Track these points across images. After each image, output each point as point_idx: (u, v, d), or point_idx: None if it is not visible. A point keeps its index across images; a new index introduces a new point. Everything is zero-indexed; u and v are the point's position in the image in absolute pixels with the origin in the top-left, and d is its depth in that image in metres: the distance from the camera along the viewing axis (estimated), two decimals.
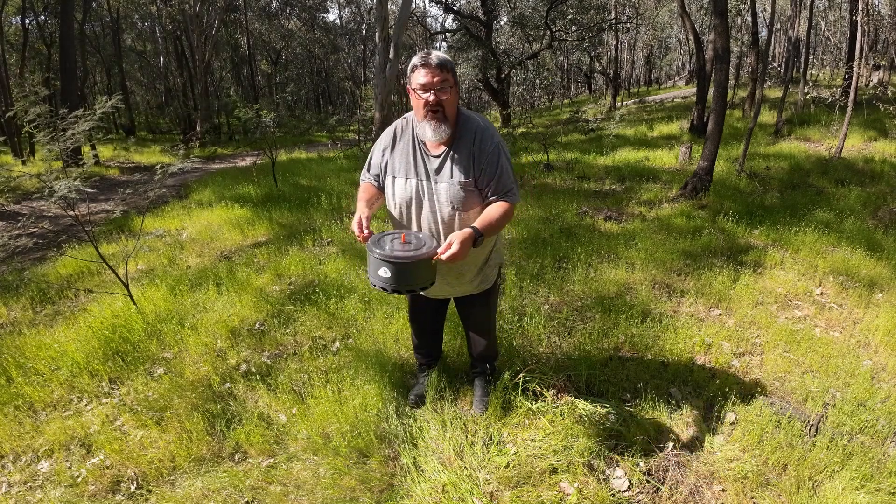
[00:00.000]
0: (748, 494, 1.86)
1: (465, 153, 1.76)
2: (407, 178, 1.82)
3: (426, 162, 1.80)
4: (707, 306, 3.34)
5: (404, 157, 1.83)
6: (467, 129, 1.77)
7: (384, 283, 1.60)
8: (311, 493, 1.92)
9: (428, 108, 1.68)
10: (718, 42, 6.15)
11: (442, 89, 1.67)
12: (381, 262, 1.57)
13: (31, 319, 3.44)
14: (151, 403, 2.40)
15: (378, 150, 1.90)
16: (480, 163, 1.75)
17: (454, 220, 1.80)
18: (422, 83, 1.67)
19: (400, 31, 8.49)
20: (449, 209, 1.79)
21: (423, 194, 1.81)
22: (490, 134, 1.78)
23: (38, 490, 2.01)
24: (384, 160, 1.87)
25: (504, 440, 2.13)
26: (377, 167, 1.90)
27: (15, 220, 3.42)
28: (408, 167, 1.82)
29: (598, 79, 33.22)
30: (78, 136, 3.16)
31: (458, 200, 1.77)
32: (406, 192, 1.83)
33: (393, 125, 1.89)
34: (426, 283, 1.66)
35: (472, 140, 1.76)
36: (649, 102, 22.82)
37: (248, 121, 7.96)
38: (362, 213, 1.75)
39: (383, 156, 1.87)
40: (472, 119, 1.80)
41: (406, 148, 1.83)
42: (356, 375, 2.49)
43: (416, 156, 1.81)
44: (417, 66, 1.68)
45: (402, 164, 1.83)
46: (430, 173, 1.79)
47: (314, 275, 3.87)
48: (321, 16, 29.35)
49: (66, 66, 11.00)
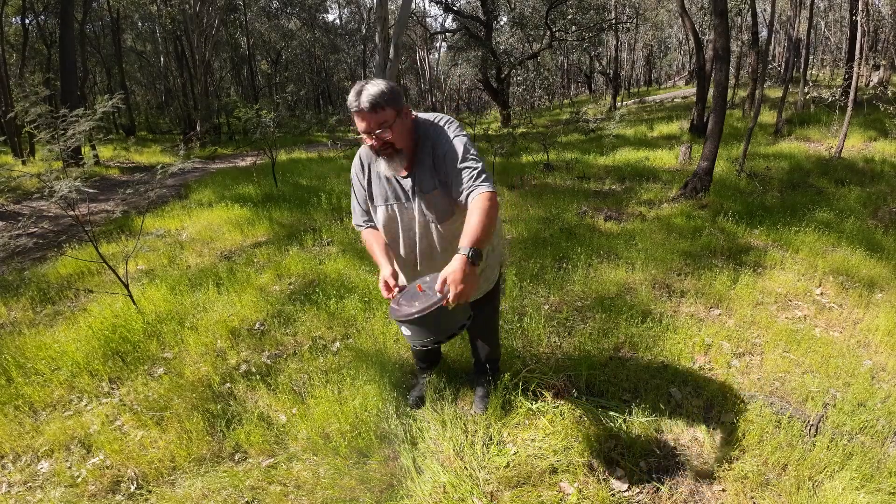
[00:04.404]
0: (748, 494, 1.86)
1: (427, 165, 1.71)
2: (386, 202, 1.79)
3: (400, 184, 1.77)
4: (707, 306, 3.34)
5: (379, 184, 1.80)
6: (425, 143, 1.71)
7: (420, 340, 1.51)
8: (311, 493, 1.92)
9: (375, 150, 1.65)
10: (718, 42, 6.14)
11: (382, 131, 1.59)
12: (403, 324, 1.50)
13: (31, 319, 3.44)
14: (151, 403, 2.40)
15: (356, 187, 1.86)
16: (443, 166, 1.68)
17: (431, 233, 1.78)
18: (360, 129, 1.61)
19: (400, 31, 8.48)
20: (423, 221, 1.77)
21: (402, 214, 1.79)
22: (442, 133, 1.70)
23: (38, 490, 2.01)
24: (364, 194, 1.84)
25: (504, 440, 2.13)
26: (365, 205, 1.87)
27: (15, 220, 3.42)
28: (384, 193, 1.79)
29: (598, 79, 33.23)
30: (78, 135, 3.16)
31: (433, 213, 1.74)
32: (388, 217, 1.81)
33: (357, 155, 1.84)
34: (464, 320, 1.54)
35: (431, 151, 1.70)
36: (649, 102, 22.83)
37: (248, 121, 7.95)
38: (385, 270, 1.69)
39: (364, 189, 1.84)
40: (426, 128, 1.72)
41: (378, 175, 1.79)
42: (356, 375, 2.49)
43: (389, 181, 1.78)
44: (351, 111, 1.60)
45: (379, 191, 1.80)
46: (406, 194, 1.76)
47: (314, 274, 3.87)
48: (321, 16, 29.35)
49: (66, 66, 11.01)
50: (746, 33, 15.97)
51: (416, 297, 1.53)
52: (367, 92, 1.56)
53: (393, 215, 1.80)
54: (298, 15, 26.68)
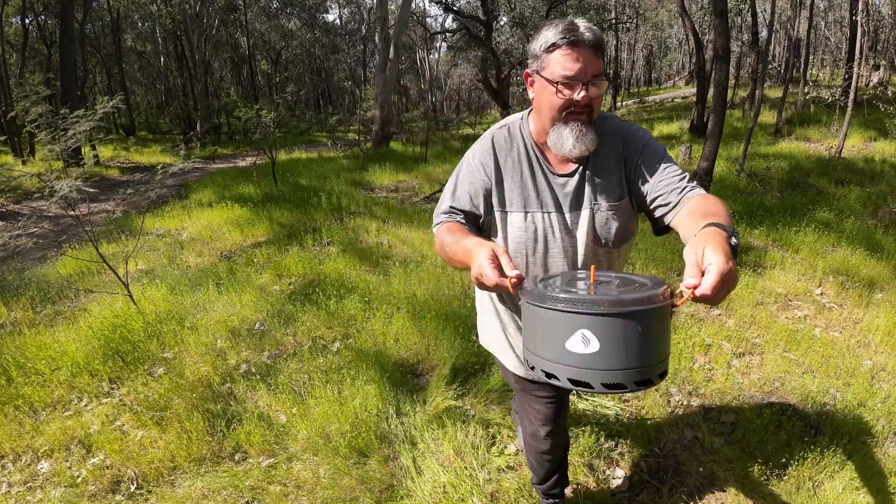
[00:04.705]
0: (748, 494, 1.86)
1: (611, 165, 1.21)
2: (526, 210, 1.22)
3: (552, 185, 1.22)
4: (707, 306, 3.34)
5: (517, 181, 1.23)
6: (607, 131, 1.20)
7: (608, 364, 0.77)
8: (311, 493, 1.92)
9: (573, 110, 1.12)
10: (718, 42, 6.15)
11: (595, 83, 1.10)
12: (607, 321, 0.77)
13: (31, 319, 3.44)
14: (151, 403, 2.40)
15: (469, 175, 1.25)
16: (641, 164, 1.18)
17: (601, 260, 1.26)
18: (569, 73, 1.08)
19: (400, 31, 8.50)
20: (592, 246, 1.23)
21: (553, 230, 1.22)
22: (634, 127, 1.24)
23: (38, 490, 2.01)
24: (483, 189, 1.24)
25: (504, 440, 2.13)
26: (468, 202, 1.24)
27: (15, 220, 3.42)
28: (525, 195, 1.22)
29: None
30: (79, 135, 3.16)
31: (609, 232, 1.22)
32: (526, 232, 1.23)
33: (487, 137, 1.27)
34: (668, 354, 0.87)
35: (622, 146, 1.21)
36: (649, 102, 22.83)
37: (248, 121, 7.96)
38: (488, 245, 0.95)
39: (483, 184, 1.24)
40: (610, 118, 1.25)
41: (517, 167, 1.23)
42: (356, 375, 2.49)
43: (536, 177, 1.23)
44: (559, 46, 1.08)
45: (517, 191, 1.23)
46: (561, 200, 1.22)
47: (314, 274, 3.87)
48: (321, 16, 29.37)
49: (66, 66, 11.01)
50: (746, 33, 15.97)
51: (603, 285, 0.89)
52: (586, 25, 1.08)
53: (536, 229, 1.22)
54: (298, 15, 26.70)
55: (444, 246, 1.15)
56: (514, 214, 1.24)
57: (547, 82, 1.11)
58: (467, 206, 1.24)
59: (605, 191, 1.20)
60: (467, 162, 1.28)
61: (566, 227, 1.23)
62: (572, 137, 1.12)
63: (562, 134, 1.13)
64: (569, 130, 1.12)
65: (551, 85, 1.10)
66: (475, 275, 0.93)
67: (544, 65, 1.11)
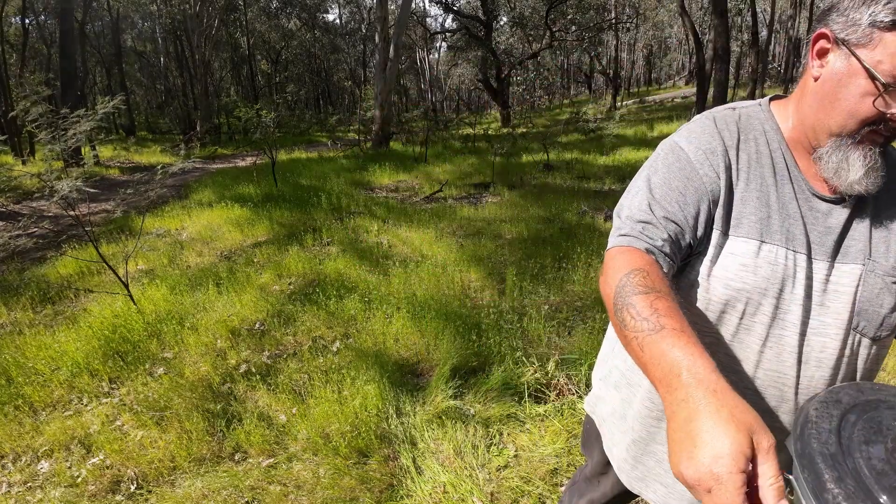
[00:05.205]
0: None
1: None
2: (763, 239, 0.76)
3: (803, 209, 0.77)
4: None
5: (754, 188, 0.78)
6: (892, 164, 0.78)
7: None
8: (311, 493, 1.92)
9: (880, 129, 0.70)
10: (718, 42, 6.15)
11: None
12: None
13: (31, 319, 3.44)
14: (151, 403, 2.40)
15: (680, 168, 0.78)
16: None
17: (854, 357, 0.79)
18: None
19: (400, 31, 8.50)
20: (846, 328, 0.77)
21: (794, 284, 0.76)
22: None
23: (38, 490, 2.01)
24: (708, 193, 0.77)
25: (504, 440, 2.13)
26: (678, 211, 0.76)
27: (15, 220, 3.42)
28: (764, 214, 0.76)
29: (598, 79, 33.25)
30: (79, 136, 3.16)
31: (879, 310, 0.76)
32: (755, 275, 0.75)
33: (706, 118, 0.83)
34: None
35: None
36: (649, 102, 22.84)
37: (248, 121, 7.98)
38: (744, 426, 0.48)
39: (704, 184, 0.77)
40: None
41: (756, 169, 0.78)
42: (356, 375, 2.49)
43: (781, 191, 0.78)
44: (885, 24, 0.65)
45: (752, 205, 0.77)
46: (817, 238, 0.77)
47: (314, 274, 3.87)
48: (321, 16, 29.39)
49: (66, 66, 11.01)
50: (746, 33, 15.98)
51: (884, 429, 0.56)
52: None
53: (771, 274, 0.75)
54: (298, 15, 26.72)
55: (627, 320, 0.63)
56: (741, 242, 0.76)
57: (864, 72, 0.67)
58: (678, 216, 0.75)
59: (887, 244, 0.77)
60: (672, 149, 0.80)
61: (818, 283, 0.76)
62: (862, 167, 0.71)
63: (848, 156, 0.72)
64: (859, 154, 0.71)
65: (871, 81, 0.67)
66: (704, 485, 0.46)
67: (870, 43, 0.66)
